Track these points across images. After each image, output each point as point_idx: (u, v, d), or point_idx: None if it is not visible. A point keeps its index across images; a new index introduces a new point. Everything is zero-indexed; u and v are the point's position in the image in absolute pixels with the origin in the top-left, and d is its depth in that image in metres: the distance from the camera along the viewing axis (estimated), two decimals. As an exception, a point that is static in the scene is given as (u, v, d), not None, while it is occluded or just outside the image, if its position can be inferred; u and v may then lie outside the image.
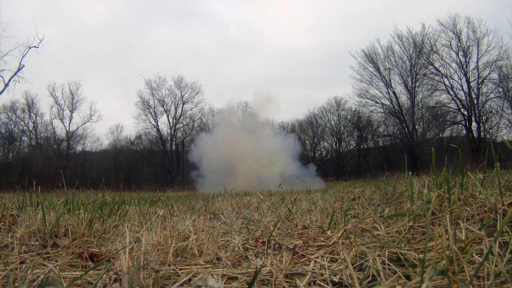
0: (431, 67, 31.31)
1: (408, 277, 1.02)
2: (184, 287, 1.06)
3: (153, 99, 38.01)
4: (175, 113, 38.04)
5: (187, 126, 38.49)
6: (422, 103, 32.52)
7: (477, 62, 28.97)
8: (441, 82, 30.88)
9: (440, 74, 30.80)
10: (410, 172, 2.45)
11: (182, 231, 1.73)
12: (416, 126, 33.01)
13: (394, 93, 33.40)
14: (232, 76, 54.50)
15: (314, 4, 55.54)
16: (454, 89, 30.19)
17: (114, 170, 36.81)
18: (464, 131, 30.85)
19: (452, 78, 30.28)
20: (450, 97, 30.62)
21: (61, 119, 36.67)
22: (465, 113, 29.98)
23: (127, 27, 53.48)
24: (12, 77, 29.89)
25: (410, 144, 31.93)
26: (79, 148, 38.39)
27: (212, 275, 1.11)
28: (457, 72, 30.10)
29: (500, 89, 28.50)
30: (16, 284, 1.03)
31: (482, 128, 29.31)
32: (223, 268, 1.22)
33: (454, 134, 32.34)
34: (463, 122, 30.42)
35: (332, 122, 38.17)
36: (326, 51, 53.29)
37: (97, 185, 24.32)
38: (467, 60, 29.39)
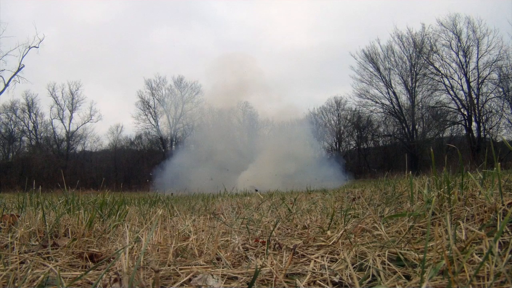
0: (431, 67, 31.34)
1: (408, 277, 1.02)
2: (184, 287, 1.06)
3: (153, 99, 38.00)
4: (175, 113, 38.06)
5: (187, 126, 38.48)
6: (422, 103, 32.55)
7: (477, 62, 29.03)
8: (441, 82, 30.91)
9: (440, 74, 30.83)
10: (410, 172, 2.45)
11: (182, 231, 1.73)
12: (416, 126, 33.02)
13: (394, 93, 33.43)
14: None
15: (314, 4, 55.42)
16: (454, 89, 30.24)
17: (114, 170, 36.79)
18: (464, 131, 30.87)
19: (452, 78, 30.33)
20: (450, 97, 30.69)
21: (61, 119, 36.72)
22: (465, 113, 29.99)
23: (127, 27, 53.40)
24: (12, 77, 29.98)
25: (410, 144, 31.93)
26: (79, 148, 38.43)
27: (212, 275, 1.11)
28: (457, 72, 30.17)
29: (500, 89, 28.53)
30: (16, 284, 1.03)
31: (482, 128, 29.33)
32: (223, 268, 1.22)
33: (454, 134, 32.34)
34: (463, 122, 30.44)
35: (332, 122, 38.19)
36: (326, 51, 53.16)
37: (97, 185, 24.26)
38: (467, 60, 29.43)
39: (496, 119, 29.22)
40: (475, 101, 29.11)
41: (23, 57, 30.21)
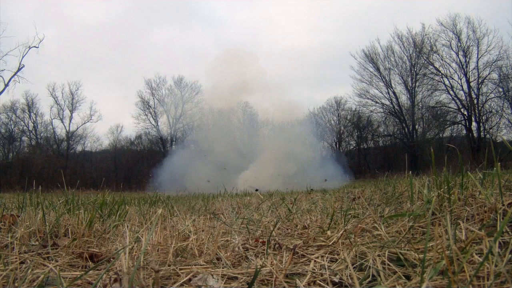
0: (431, 67, 31.35)
1: (408, 277, 1.02)
2: (184, 287, 1.06)
3: (153, 99, 38.00)
4: (175, 113, 38.04)
5: (187, 126, 38.45)
6: (422, 103, 32.56)
7: (477, 62, 29.03)
8: (441, 82, 30.92)
9: (440, 74, 30.84)
10: (410, 172, 2.45)
11: (182, 231, 1.73)
12: (416, 126, 33.02)
13: (394, 93, 33.44)
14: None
15: (314, 4, 55.39)
16: (454, 89, 30.25)
17: (114, 170, 36.78)
18: (464, 131, 30.88)
19: (452, 78, 30.34)
20: (450, 97, 30.70)
21: (61, 119, 36.72)
22: (465, 113, 30.00)
23: (127, 27, 53.37)
24: (12, 77, 29.98)
25: (410, 144, 31.93)
26: (79, 148, 38.44)
27: (212, 275, 1.11)
28: (457, 72, 30.18)
29: (500, 89, 28.53)
30: (16, 284, 1.03)
31: (482, 128, 29.34)
32: (223, 268, 1.22)
33: (454, 134, 32.35)
34: (463, 122, 30.44)
35: (332, 122, 38.18)
36: (326, 51, 53.15)
37: (97, 185, 24.25)
38: (467, 60, 29.45)
39: (496, 119, 29.27)
40: (475, 101, 29.12)
41: (23, 57, 30.24)
